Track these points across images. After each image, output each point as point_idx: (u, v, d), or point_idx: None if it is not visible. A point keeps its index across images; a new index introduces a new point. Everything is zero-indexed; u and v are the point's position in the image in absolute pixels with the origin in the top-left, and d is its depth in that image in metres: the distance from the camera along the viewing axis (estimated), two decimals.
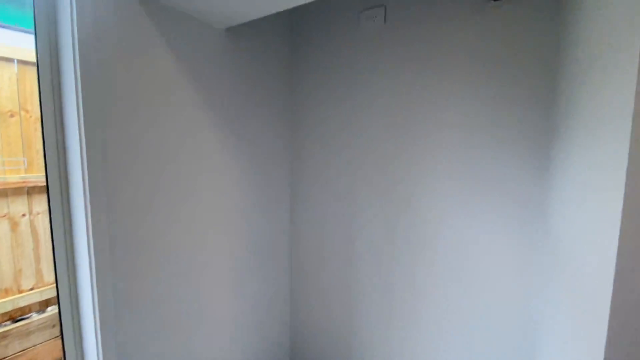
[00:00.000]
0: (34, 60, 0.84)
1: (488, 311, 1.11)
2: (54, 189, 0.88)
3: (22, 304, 1.48)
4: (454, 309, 1.17)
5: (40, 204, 1.50)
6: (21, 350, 1.47)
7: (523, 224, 1.04)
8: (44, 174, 0.87)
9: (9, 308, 1.45)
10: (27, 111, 1.46)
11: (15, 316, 1.48)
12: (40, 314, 1.54)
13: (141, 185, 0.95)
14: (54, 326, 1.57)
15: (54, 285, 0.92)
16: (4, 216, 1.41)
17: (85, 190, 0.84)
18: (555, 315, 0.84)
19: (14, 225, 1.44)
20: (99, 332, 0.88)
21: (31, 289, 1.51)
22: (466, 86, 1.09)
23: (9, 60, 1.40)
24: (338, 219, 1.42)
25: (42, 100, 0.84)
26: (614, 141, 0.52)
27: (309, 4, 1.34)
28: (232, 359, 1.30)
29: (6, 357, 1.43)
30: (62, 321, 0.92)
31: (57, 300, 0.92)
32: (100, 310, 0.88)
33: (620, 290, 0.43)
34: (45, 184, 0.88)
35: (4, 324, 1.44)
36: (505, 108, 1.04)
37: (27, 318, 1.51)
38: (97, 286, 0.87)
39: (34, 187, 1.48)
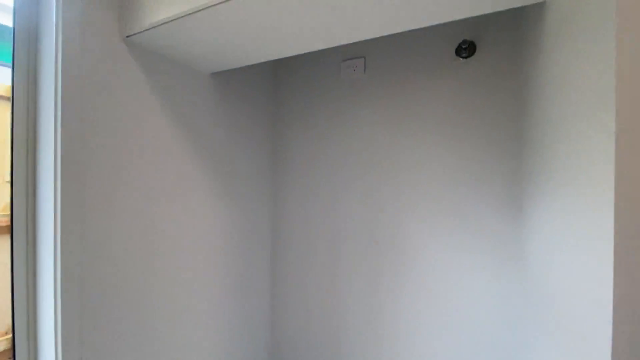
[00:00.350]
0: (8, 95, 0.82)
1: (470, 350, 1.09)
2: (18, 231, 0.83)
3: None
4: (438, 345, 1.14)
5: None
6: None
7: (503, 261, 1.06)
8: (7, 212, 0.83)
9: None
10: None
11: None
12: None
13: (118, 228, 0.92)
14: None
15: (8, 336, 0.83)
16: None
17: (56, 235, 0.79)
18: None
19: None
20: None
21: None
22: (441, 130, 1.16)
23: None
24: (321, 261, 1.40)
25: (14, 136, 0.82)
26: (596, 190, 0.56)
27: None
28: None
29: None
30: None
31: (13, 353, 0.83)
32: None
33: (619, 339, 0.43)
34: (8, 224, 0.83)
35: None
36: (478, 151, 1.11)
37: None
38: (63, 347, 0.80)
39: None
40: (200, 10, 0.78)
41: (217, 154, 1.24)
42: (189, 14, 0.80)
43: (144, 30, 0.88)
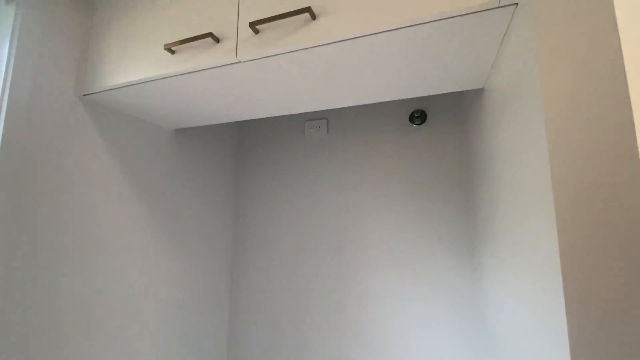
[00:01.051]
0: None
1: None
2: None
3: None
4: None
5: None
6: None
7: (461, 321, 1.06)
8: None
9: None
10: None
11: None
12: None
13: (61, 293, 0.80)
14: None
15: None
16: None
17: None
18: None
19: None
20: None
21: None
22: (399, 190, 1.21)
23: None
24: (283, 321, 1.32)
25: None
26: (540, 251, 0.59)
27: None
28: None
29: None
30: None
31: None
32: None
33: None
34: None
35: None
36: (432, 210, 1.16)
37: None
38: None
39: None
40: (159, 79, 0.79)
41: (176, 208, 1.18)
42: (147, 81, 0.80)
43: (100, 91, 0.87)
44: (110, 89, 0.85)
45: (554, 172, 0.45)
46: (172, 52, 0.75)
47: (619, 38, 0.45)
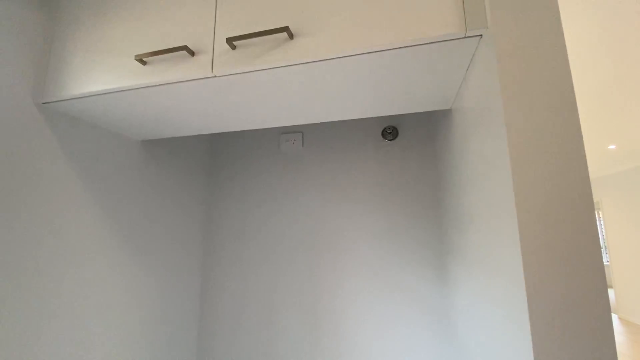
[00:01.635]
0: None
1: None
2: None
3: None
4: None
5: None
6: None
7: (432, 327, 1.09)
8: None
9: None
10: None
11: None
12: None
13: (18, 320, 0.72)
14: None
15: None
16: None
17: None
18: None
19: None
20: None
21: None
22: (373, 204, 1.24)
23: None
24: (254, 330, 1.27)
25: None
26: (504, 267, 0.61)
27: None
28: None
29: None
30: None
31: None
32: None
33: None
34: None
35: None
36: (404, 223, 1.19)
37: None
38: None
39: None
40: (128, 90, 0.76)
41: (144, 221, 1.12)
42: (115, 92, 0.77)
43: (62, 100, 0.82)
44: (74, 98, 0.80)
45: (516, 189, 0.48)
46: (144, 63, 0.73)
47: (569, 68, 0.50)
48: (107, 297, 0.99)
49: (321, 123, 1.37)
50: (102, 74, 0.77)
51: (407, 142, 1.25)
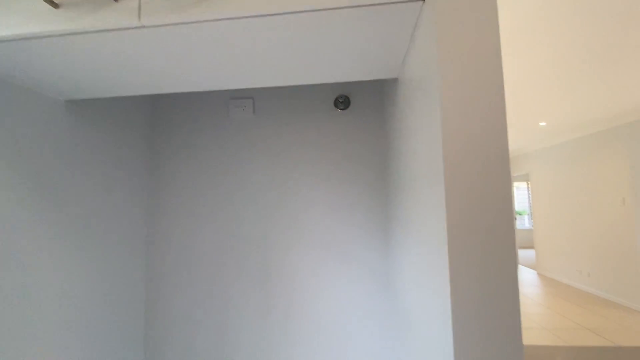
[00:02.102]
0: None
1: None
2: None
3: None
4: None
5: None
6: None
7: (375, 292, 1.17)
8: None
9: None
10: None
11: None
12: None
13: None
14: None
15: None
16: None
17: None
18: None
19: None
20: None
21: None
22: (324, 173, 1.25)
23: None
24: (204, 305, 1.27)
25: None
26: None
27: None
28: None
29: None
30: None
31: None
32: None
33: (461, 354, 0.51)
34: None
35: None
36: (355, 192, 1.23)
37: None
38: None
39: None
40: (38, 39, 0.65)
41: (73, 194, 1.02)
42: (18, 40, 0.66)
43: None
44: None
45: (446, 161, 0.51)
46: (56, 5, 0.62)
47: (499, 46, 0.52)
48: (39, 280, 0.91)
49: (273, 90, 1.32)
50: (3, 16, 0.65)
51: (359, 111, 1.26)
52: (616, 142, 5.37)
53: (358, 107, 1.26)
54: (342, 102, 1.25)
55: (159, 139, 1.38)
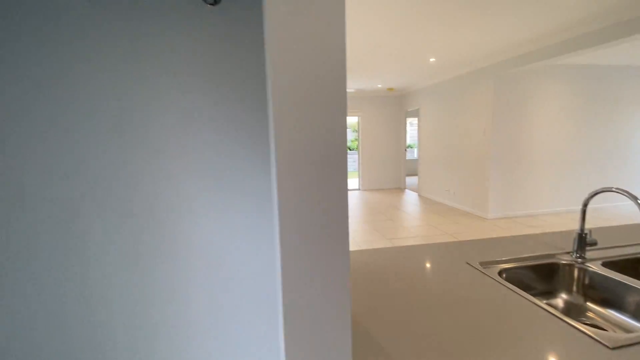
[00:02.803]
0: None
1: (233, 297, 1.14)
2: None
3: None
4: (202, 307, 1.13)
5: None
6: None
7: (257, 213, 1.13)
8: None
9: None
10: None
11: None
12: None
13: None
14: None
15: None
16: None
17: None
18: None
19: None
20: None
21: None
22: (192, 80, 1.05)
23: None
24: (51, 247, 1.03)
25: None
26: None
27: None
28: None
29: None
30: None
31: None
32: None
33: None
34: None
35: None
36: (231, 101, 1.08)
37: None
38: None
39: None
40: None
41: None
42: None
43: None
44: None
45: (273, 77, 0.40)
46: None
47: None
48: None
49: None
50: None
51: (231, 7, 1.04)
52: (484, 81, 6.29)
53: (230, 1, 1.04)
54: None
55: None
